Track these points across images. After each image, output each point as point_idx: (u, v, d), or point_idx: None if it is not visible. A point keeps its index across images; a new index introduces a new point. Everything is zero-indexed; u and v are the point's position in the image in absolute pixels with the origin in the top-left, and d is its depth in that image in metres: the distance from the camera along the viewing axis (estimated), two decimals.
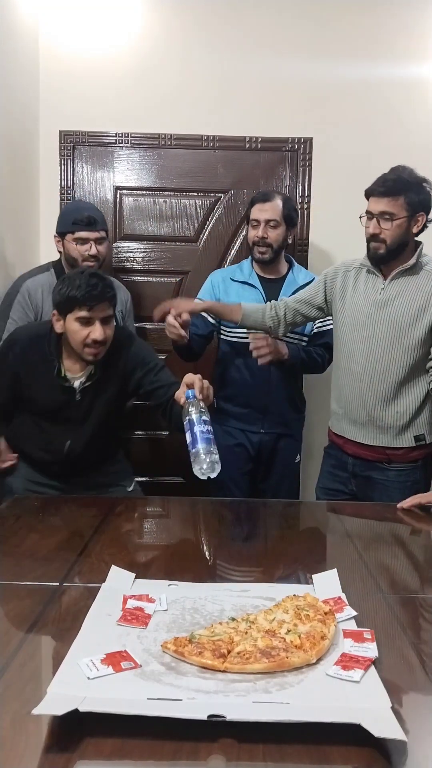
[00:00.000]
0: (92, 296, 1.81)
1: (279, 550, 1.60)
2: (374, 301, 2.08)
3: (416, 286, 2.05)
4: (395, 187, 1.99)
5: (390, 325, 2.05)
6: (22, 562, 1.45)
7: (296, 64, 3.12)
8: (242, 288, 2.52)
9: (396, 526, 1.80)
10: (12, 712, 0.88)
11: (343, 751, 0.81)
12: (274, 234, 2.45)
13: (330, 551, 1.59)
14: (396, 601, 1.26)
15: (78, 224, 2.34)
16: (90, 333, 1.82)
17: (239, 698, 0.89)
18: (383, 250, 2.02)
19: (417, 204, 2.00)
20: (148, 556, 1.46)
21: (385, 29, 3.09)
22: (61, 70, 3.07)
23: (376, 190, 2.01)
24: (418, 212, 2.01)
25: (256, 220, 2.46)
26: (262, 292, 2.49)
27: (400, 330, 2.04)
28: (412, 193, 1.99)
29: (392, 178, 2.01)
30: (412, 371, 2.06)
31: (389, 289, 2.07)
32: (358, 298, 2.13)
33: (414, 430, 2.09)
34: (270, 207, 2.45)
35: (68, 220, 2.38)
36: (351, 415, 2.15)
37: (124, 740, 0.82)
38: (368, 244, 2.06)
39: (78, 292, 1.80)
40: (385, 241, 2.01)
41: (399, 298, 2.06)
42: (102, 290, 1.83)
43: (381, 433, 2.10)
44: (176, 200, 3.17)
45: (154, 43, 3.09)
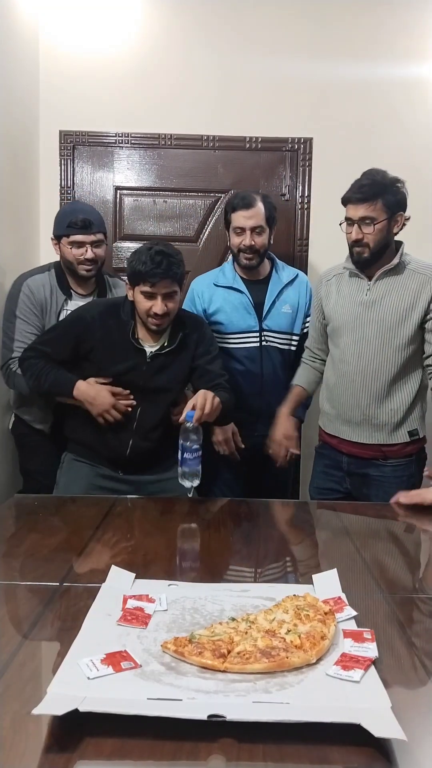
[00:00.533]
0: (155, 273, 1.89)
1: (279, 550, 1.60)
2: (361, 302, 2.12)
3: (402, 285, 2.08)
4: (372, 191, 2.01)
5: (379, 325, 2.09)
6: (22, 562, 1.45)
7: (296, 64, 3.12)
8: (228, 293, 2.48)
9: (396, 525, 1.80)
10: (12, 712, 0.88)
11: (343, 751, 0.81)
12: (261, 240, 2.38)
13: (330, 551, 1.59)
14: (396, 601, 1.26)
15: (73, 227, 2.28)
16: (152, 306, 1.93)
17: (239, 698, 0.89)
18: (367, 254, 2.06)
19: (395, 205, 2.04)
20: (148, 556, 1.46)
21: (385, 29, 3.10)
22: (61, 70, 3.07)
23: (353, 197, 2.03)
24: (396, 213, 2.05)
25: (241, 228, 2.37)
26: (249, 296, 2.47)
27: (390, 329, 2.08)
28: (388, 194, 2.02)
29: (368, 183, 2.02)
30: (403, 368, 2.11)
31: (375, 290, 2.11)
32: (344, 301, 2.17)
33: (408, 425, 2.14)
34: (254, 213, 2.35)
35: (63, 223, 2.32)
36: (345, 416, 2.18)
37: (124, 740, 0.82)
38: (351, 249, 2.09)
39: (143, 268, 1.89)
40: (368, 245, 2.04)
41: (386, 298, 2.09)
42: (166, 267, 1.90)
43: (376, 431, 2.13)
44: (176, 200, 3.17)
45: (154, 43, 3.09)
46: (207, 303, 2.50)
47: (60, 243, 2.34)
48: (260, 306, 2.47)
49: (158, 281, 1.90)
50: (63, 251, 2.34)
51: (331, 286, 2.24)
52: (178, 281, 1.97)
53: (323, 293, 2.26)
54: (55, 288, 2.36)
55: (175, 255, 1.96)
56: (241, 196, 2.40)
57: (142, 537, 1.64)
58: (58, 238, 2.35)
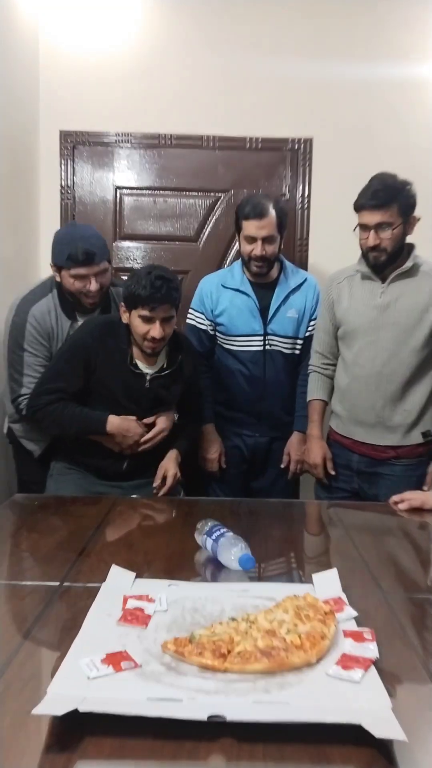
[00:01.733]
0: (155, 298, 1.88)
1: (279, 550, 1.60)
2: (375, 305, 2.12)
3: (416, 288, 2.09)
4: (387, 196, 2.01)
5: (394, 328, 2.09)
6: (22, 562, 1.45)
7: (296, 64, 3.12)
8: (234, 295, 2.48)
9: (396, 525, 1.80)
10: (12, 712, 0.88)
11: (343, 751, 0.81)
12: (272, 249, 2.37)
13: (330, 551, 1.59)
14: (396, 600, 1.26)
15: (73, 261, 2.08)
16: (150, 330, 1.92)
17: (239, 698, 0.89)
18: (384, 258, 2.07)
19: (408, 207, 2.05)
20: (148, 556, 1.46)
21: (385, 29, 3.09)
22: (61, 70, 3.07)
23: (367, 204, 2.03)
24: (409, 215, 2.06)
25: (252, 237, 2.34)
26: (255, 300, 2.45)
27: (405, 332, 2.09)
28: (402, 198, 2.03)
29: (381, 188, 2.02)
30: (418, 370, 2.11)
31: (389, 293, 2.11)
32: (357, 303, 2.16)
33: (422, 426, 2.14)
34: (266, 223, 2.32)
35: (62, 254, 2.10)
36: (358, 417, 2.19)
37: (124, 740, 0.82)
38: (366, 254, 2.10)
39: (143, 292, 1.88)
40: (385, 250, 2.05)
41: (400, 301, 2.09)
42: (166, 293, 1.89)
43: (390, 432, 2.15)
44: (176, 200, 3.17)
45: (154, 43, 3.09)
46: (214, 304, 2.50)
47: (62, 271, 2.14)
48: (266, 310, 2.46)
49: (158, 306, 1.89)
50: (64, 281, 2.14)
51: (342, 289, 2.22)
52: (175, 306, 1.97)
53: (335, 296, 2.24)
54: (59, 313, 2.20)
55: (174, 279, 1.96)
56: (253, 203, 2.34)
57: (142, 537, 1.64)
58: (57, 267, 2.15)
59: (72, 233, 2.20)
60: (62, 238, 2.17)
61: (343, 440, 2.25)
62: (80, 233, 2.18)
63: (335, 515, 1.84)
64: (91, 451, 2.05)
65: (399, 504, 1.85)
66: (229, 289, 2.49)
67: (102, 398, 2.03)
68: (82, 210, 3.17)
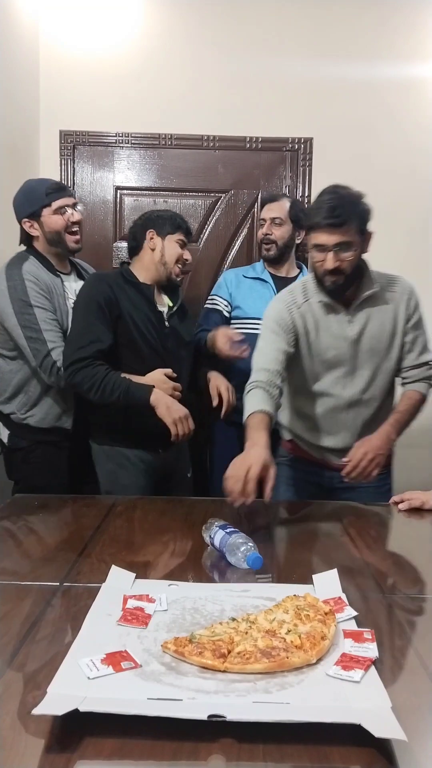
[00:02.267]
0: (189, 231, 2.25)
1: (279, 550, 1.60)
2: (346, 337, 1.97)
3: (381, 310, 1.98)
4: (345, 214, 1.81)
5: (369, 355, 2.00)
6: (22, 562, 1.45)
7: (296, 64, 3.12)
8: (254, 283, 2.67)
9: (396, 525, 1.80)
10: (12, 712, 0.88)
11: (343, 751, 0.81)
12: (279, 231, 2.60)
13: (330, 551, 1.59)
14: (396, 601, 1.26)
15: (52, 192, 2.17)
16: (183, 254, 2.19)
17: (239, 698, 0.89)
18: (343, 280, 1.90)
19: (365, 223, 1.88)
20: (148, 556, 1.46)
21: (385, 29, 3.10)
22: (61, 70, 3.08)
23: (323, 223, 1.81)
24: (365, 231, 1.89)
25: (263, 219, 2.65)
26: (273, 287, 2.60)
27: (380, 357, 2.00)
28: (359, 213, 1.85)
29: (338, 206, 1.81)
30: (389, 390, 2.08)
31: (357, 321, 1.97)
32: (325, 335, 1.98)
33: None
34: (276, 206, 2.63)
35: (39, 194, 2.17)
36: (333, 445, 2.07)
37: (124, 740, 0.82)
38: (323, 278, 1.90)
39: (182, 224, 2.21)
40: (344, 272, 1.88)
41: (370, 327, 1.98)
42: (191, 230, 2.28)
43: None
44: (176, 200, 3.17)
45: (154, 44, 3.10)
46: (233, 288, 2.68)
47: (41, 218, 2.17)
48: None
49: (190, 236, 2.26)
50: (47, 223, 2.18)
51: (306, 317, 1.99)
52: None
53: (298, 323, 1.98)
54: (46, 271, 2.21)
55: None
56: (271, 193, 2.79)
57: (142, 537, 1.64)
58: (35, 215, 2.18)
59: (35, 180, 2.33)
60: (29, 187, 2.25)
61: (311, 458, 2.14)
62: (42, 179, 2.36)
63: (335, 515, 1.84)
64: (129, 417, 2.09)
65: (399, 504, 1.85)
66: (248, 278, 2.70)
67: (131, 346, 2.10)
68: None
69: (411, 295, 2.02)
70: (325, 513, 1.94)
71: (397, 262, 2.61)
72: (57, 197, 2.18)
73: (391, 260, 2.47)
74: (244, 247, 3.21)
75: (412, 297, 2.02)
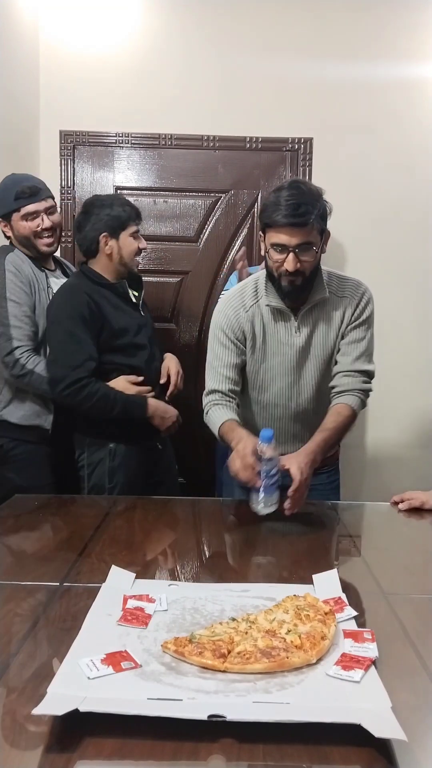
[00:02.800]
0: (138, 213, 2.20)
1: (279, 550, 1.60)
2: (292, 344, 1.85)
3: (327, 315, 1.85)
4: (307, 212, 1.65)
5: (315, 362, 1.88)
6: (22, 562, 1.45)
7: (296, 64, 3.12)
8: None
9: (396, 525, 1.80)
10: (12, 712, 0.88)
11: (343, 751, 0.81)
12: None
13: (330, 551, 1.59)
14: (396, 601, 1.26)
15: (21, 198, 2.10)
16: (139, 245, 2.19)
17: (239, 698, 0.89)
18: (301, 282, 1.75)
19: (324, 221, 1.73)
20: (148, 556, 1.46)
21: (385, 29, 3.10)
22: (61, 70, 3.08)
23: (285, 221, 1.65)
24: (324, 230, 1.75)
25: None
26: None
27: (325, 363, 1.89)
28: (319, 211, 1.69)
29: (301, 203, 1.65)
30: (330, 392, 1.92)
31: (303, 328, 1.85)
32: (271, 342, 1.87)
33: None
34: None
35: (9, 198, 2.12)
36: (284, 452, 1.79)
37: (124, 740, 0.82)
38: (279, 278, 1.75)
39: (130, 213, 2.16)
40: (304, 274, 1.73)
41: (316, 334, 1.86)
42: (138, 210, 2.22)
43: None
44: (176, 200, 3.17)
45: (154, 44, 3.09)
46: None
47: (11, 221, 2.15)
48: None
49: (140, 221, 2.21)
50: (17, 228, 2.14)
51: (254, 322, 1.85)
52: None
53: (246, 328, 1.85)
54: (31, 264, 2.19)
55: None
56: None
57: (142, 537, 1.64)
58: (5, 217, 2.15)
59: (13, 178, 2.22)
60: (3, 186, 2.18)
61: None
62: (19, 178, 2.22)
63: (335, 515, 1.84)
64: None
65: (399, 504, 1.85)
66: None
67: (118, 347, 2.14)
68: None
69: (362, 297, 1.86)
70: (325, 513, 1.94)
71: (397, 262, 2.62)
72: (26, 203, 2.11)
73: (390, 260, 2.48)
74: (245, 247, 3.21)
75: (362, 298, 1.86)
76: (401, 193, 3.15)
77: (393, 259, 3.11)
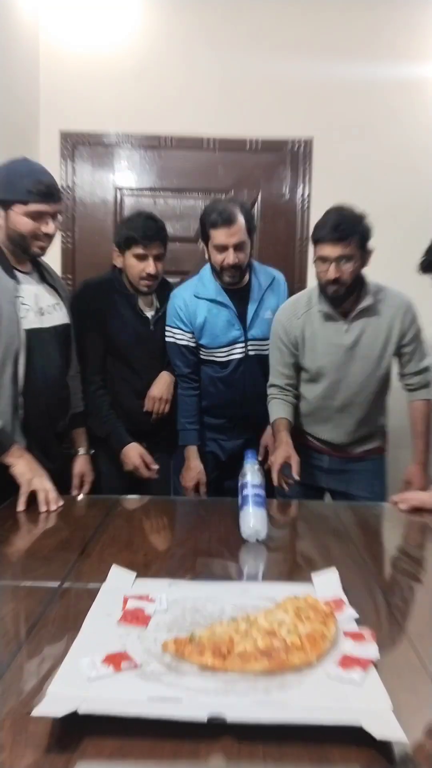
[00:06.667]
0: (147, 236, 2.17)
1: (279, 550, 1.60)
2: (341, 344, 2.19)
3: (376, 324, 2.18)
4: (348, 230, 2.02)
5: (363, 362, 2.20)
6: (22, 562, 1.45)
7: (296, 64, 3.12)
8: (211, 307, 2.36)
9: (396, 525, 1.80)
10: (12, 712, 0.88)
11: (343, 751, 0.81)
12: (243, 255, 2.27)
13: (330, 551, 1.59)
14: (396, 601, 1.26)
15: (35, 195, 1.81)
16: (145, 267, 2.19)
17: (239, 698, 0.89)
18: (343, 291, 2.10)
19: (365, 241, 2.09)
20: (148, 556, 1.46)
21: (385, 29, 3.10)
22: (61, 70, 3.08)
23: (327, 237, 2.03)
24: (366, 249, 2.10)
25: (223, 246, 2.25)
26: (233, 308, 2.37)
27: (372, 365, 2.21)
28: (361, 231, 2.06)
29: (341, 222, 2.02)
30: (381, 391, 2.29)
31: (352, 331, 2.18)
32: (323, 346, 2.20)
33: (383, 427, 2.37)
34: (236, 230, 2.22)
35: (20, 187, 1.81)
36: (332, 439, 2.31)
37: (124, 740, 0.82)
38: (324, 287, 2.11)
39: (136, 233, 2.16)
40: (345, 283, 2.08)
41: (365, 337, 2.18)
42: (156, 231, 2.20)
43: (360, 445, 2.31)
44: (176, 201, 3.17)
45: (154, 44, 3.10)
46: (192, 315, 2.36)
47: (10, 210, 1.84)
48: (243, 315, 2.38)
49: (150, 243, 2.18)
50: (14, 221, 1.84)
51: (305, 326, 2.21)
52: (165, 245, 2.27)
53: (297, 334, 2.22)
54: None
55: (162, 222, 2.29)
56: (219, 210, 2.23)
57: (142, 537, 1.64)
58: (5, 204, 1.84)
59: (28, 167, 1.90)
60: (16, 169, 1.87)
61: (314, 445, 2.36)
62: (37, 167, 1.91)
63: (335, 515, 1.84)
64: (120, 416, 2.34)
65: (399, 504, 1.86)
66: (203, 299, 2.37)
67: (118, 356, 2.27)
68: (82, 210, 3.17)
69: (407, 310, 2.20)
70: (325, 513, 1.94)
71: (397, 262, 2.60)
72: (39, 200, 1.83)
73: (391, 260, 2.47)
74: None
75: (408, 311, 2.20)
76: (401, 193, 3.15)
77: (393, 258, 3.10)
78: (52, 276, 2.06)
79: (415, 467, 2.29)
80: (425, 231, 2.22)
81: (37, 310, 1.90)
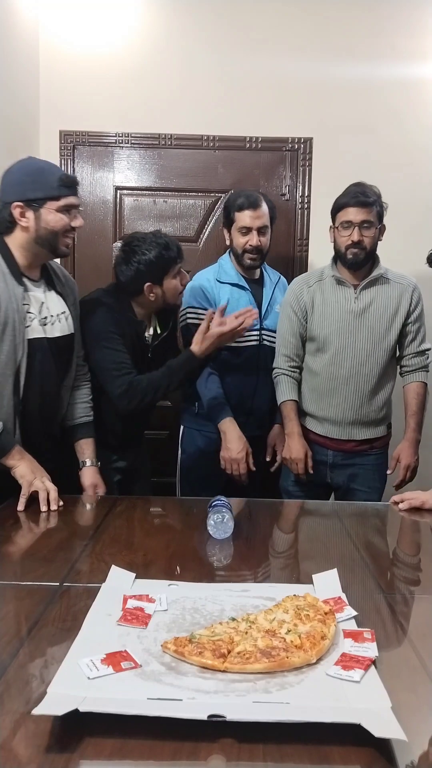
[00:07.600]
0: (181, 251, 2.15)
1: (279, 549, 1.60)
2: (350, 310, 2.27)
3: (385, 294, 2.28)
4: (369, 199, 2.18)
5: (369, 331, 2.26)
6: (22, 562, 1.45)
7: (296, 63, 3.12)
8: (232, 290, 2.46)
9: (396, 525, 1.80)
10: (12, 712, 0.88)
11: (343, 751, 0.81)
12: (265, 240, 2.41)
13: (330, 551, 1.59)
14: (396, 601, 1.26)
15: (66, 188, 1.78)
16: (182, 279, 2.19)
17: (239, 698, 0.89)
18: (363, 256, 2.21)
19: (381, 215, 2.24)
20: (148, 556, 1.46)
21: (385, 29, 3.10)
22: (61, 70, 3.08)
23: (352, 201, 2.18)
24: (381, 223, 2.24)
25: (248, 228, 2.37)
26: (252, 293, 2.48)
27: (378, 335, 2.27)
28: (378, 204, 2.21)
29: (363, 191, 2.19)
30: (386, 369, 2.30)
31: (362, 298, 2.27)
32: (331, 308, 2.28)
33: (387, 419, 2.38)
34: (261, 213, 2.38)
35: (50, 182, 1.76)
36: (337, 417, 2.32)
37: (124, 740, 0.82)
38: (345, 251, 2.22)
39: (174, 253, 2.11)
40: (366, 248, 2.20)
41: (373, 307, 2.27)
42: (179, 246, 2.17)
43: (365, 428, 2.32)
44: (176, 200, 3.17)
45: (154, 43, 3.09)
46: (216, 297, 2.43)
47: (41, 209, 1.76)
48: (259, 305, 2.48)
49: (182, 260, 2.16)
50: (46, 219, 1.77)
51: (315, 294, 2.31)
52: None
53: (307, 301, 2.31)
54: (6, 276, 1.78)
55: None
56: (246, 195, 2.40)
57: (142, 537, 1.64)
58: (39, 201, 1.76)
59: (44, 163, 1.89)
60: (37, 167, 1.83)
61: (317, 438, 2.37)
62: (50, 163, 1.92)
63: (335, 515, 1.84)
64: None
65: (399, 504, 1.86)
66: (226, 284, 2.46)
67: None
68: (82, 210, 3.16)
69: (416, 289, 2.32)
70: (325, 513, 1.94)
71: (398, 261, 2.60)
72: (68, 193, 1.79)
73: (391, 260, 2.47)
74: None
75: (416, 290, 2.31)
76: (401, 193, 3.14)
77: (393, 259, 3.10)
78: (61, 281, 1.99)
79: (404, 444, 2.34)
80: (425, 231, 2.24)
81: (41, 320, 1.88)
